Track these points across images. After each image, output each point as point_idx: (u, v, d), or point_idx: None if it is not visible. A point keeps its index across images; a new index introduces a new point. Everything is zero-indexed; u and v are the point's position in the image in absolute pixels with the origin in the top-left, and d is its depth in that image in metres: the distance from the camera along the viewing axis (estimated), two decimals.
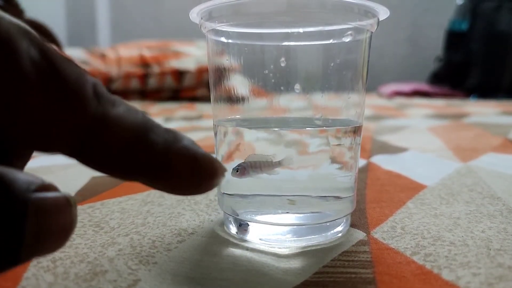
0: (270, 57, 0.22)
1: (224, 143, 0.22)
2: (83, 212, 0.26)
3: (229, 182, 0.22)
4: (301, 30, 0.21)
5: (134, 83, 1.66)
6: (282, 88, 0.22)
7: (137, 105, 1.40)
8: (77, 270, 0.18)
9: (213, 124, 0.24)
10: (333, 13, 0.20)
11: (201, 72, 1.66)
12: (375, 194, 0.30)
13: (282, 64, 0.22)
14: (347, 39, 0.21)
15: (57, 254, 0.20)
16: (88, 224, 0.24)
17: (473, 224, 0.23)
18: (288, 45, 0.22)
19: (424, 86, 1.90)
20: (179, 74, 1.66)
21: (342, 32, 0.21)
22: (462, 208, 0.26)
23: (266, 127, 0.23)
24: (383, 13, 0.21)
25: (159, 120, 0.91)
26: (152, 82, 1.66)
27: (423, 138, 0.58)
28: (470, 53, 1.82)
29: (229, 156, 0.22)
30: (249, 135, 0.22)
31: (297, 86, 0.22)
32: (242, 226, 0.21)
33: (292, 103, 0.23)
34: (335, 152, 0.21)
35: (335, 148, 0.21)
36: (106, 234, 0.22)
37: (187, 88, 1.70)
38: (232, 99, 0.23)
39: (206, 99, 1.68)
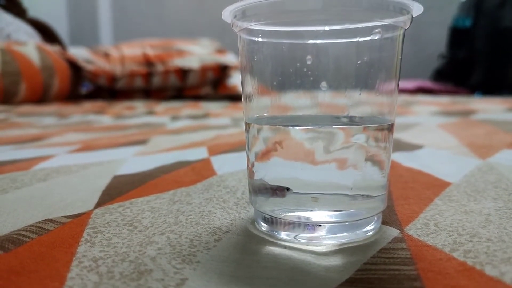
0: (301, 55, 0.22)
1: (258, 141, 0.22)
2: (114, 211, 0.26)
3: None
4: (335, 27, 0.21)
5: (138, 82, 1.66)
6: (316, 86, 0.22)
7: (142, 104, 1.40)
8: (121, 269, 0.18)
9: (245, 123, 0.24)
10: (368, 10, 0.20)
11: (205, 70, 1.66)
12: (400, 191, 0.30)
13: (312, 62, 0.22)
14: (379, 37, 0.21)
15: (96, 253, 0.20)
16: (122, 223, 0.24)
17: (504, 220, 0.23)
18: (321, 43, 0.22)
19: (427, 83, 1.90)
20: (182, 73, 1.65)
21: (374, 30, 0.21)
22: (491, 204, 0.26)
23: (300, 125, 0.23)
24: (417, 9, 0.21)
25: (165, 119, 0.91)
26: (156, 81, 1.66)
27: (435, 135, 0.58)
28: (474, 50, 1.82)
29: (264, 155, 0.22)
30: (283, 133, 0.22)
31: (324, 84, 0.22)
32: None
33: (324, 100, 0.23)
34: (370, 150, 0.21)
35: (370, 146, 0.21)
36: (141, 233, 0.22)
37: (191, 86, 1.70)
38: (263, 97, 0.23)
39: (210, 97, 1.68)
